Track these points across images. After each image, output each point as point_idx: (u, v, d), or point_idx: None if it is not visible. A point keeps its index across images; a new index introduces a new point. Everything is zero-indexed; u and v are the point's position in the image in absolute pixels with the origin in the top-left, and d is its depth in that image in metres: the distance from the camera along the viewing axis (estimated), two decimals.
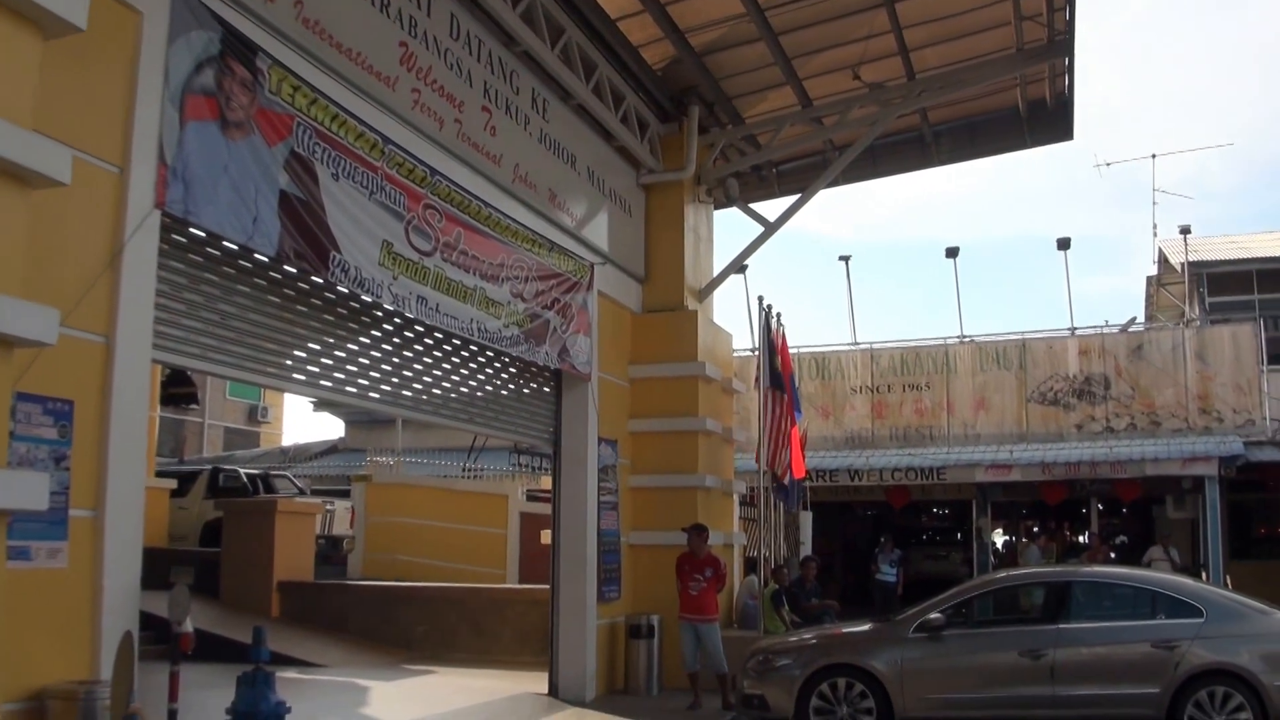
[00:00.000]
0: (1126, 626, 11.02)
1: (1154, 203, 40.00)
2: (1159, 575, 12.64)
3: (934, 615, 11.25)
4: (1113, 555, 24.41)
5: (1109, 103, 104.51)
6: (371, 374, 10.13)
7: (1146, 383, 23.43)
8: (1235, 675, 10.39)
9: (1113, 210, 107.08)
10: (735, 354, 18.03)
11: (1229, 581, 18.87)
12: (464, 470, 25.06)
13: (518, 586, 19.58)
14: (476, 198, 10.82)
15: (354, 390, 9.94)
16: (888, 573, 22.57)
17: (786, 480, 16.79)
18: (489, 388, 12.28)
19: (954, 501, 29.66)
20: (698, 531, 13.25)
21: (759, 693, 11.57)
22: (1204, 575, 20.13)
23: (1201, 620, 10.69)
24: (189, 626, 6.91)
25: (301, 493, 23.15)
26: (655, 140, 15.66)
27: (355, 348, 9.86)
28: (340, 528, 22.39)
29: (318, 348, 9.31)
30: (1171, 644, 10.55)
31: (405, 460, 26.43)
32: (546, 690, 13.19)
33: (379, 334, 10.19)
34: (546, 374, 13.33)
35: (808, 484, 20.22)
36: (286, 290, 8.76)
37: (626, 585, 14.53)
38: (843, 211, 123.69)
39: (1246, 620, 10.85)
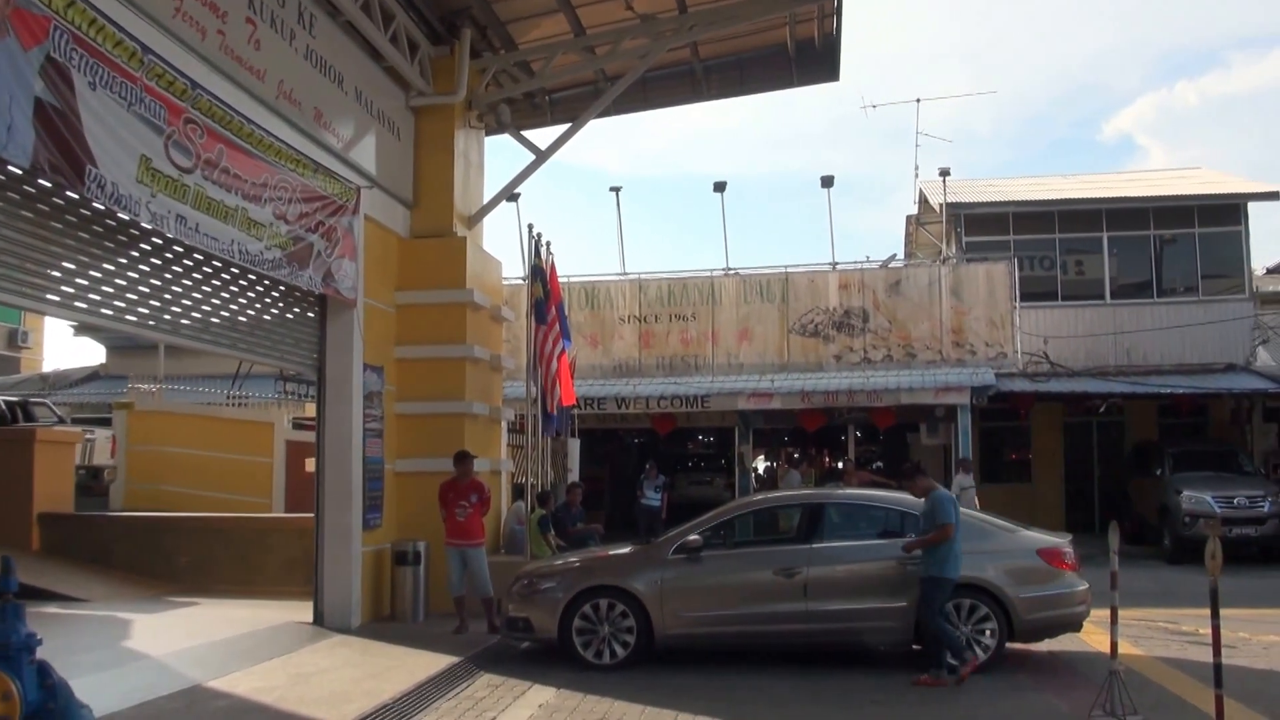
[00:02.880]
0: (877, 545, 11.79)
1: (917, 145, 41.55)
2: (908, 497, 13.43)
3: (693, 537, 11.82)
4: (877, 480, 25.65)
5: (876, 47, 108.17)
6: (129, 296, 9.92)
7: (903, 316, 24.65)
8: (982, 589, 11.32)
9: (878, 151, 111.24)
10: (505, 282, 18.16)
11: (978, 503, 20.18)
12: (228, 398, 24.60)
13: (283, 515, 19.51)
14: (239, 114, 10.60)
15: (111, 312, 9.72)
16: (652, 498, 23.26)
17: (555, 411, 17.09)
18: (251, 312, 12.14)
19: (718, 429, 30.66)
20: (463, 458, 13.51)
21: (524, 615, 11.97)
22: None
23: None
24: None
25: (61, 421, 22.36)
26: (426, 62, 15.56)
27: (112, 268, 9.63)
28: (101, 457, 21.86)
29: (74, 267, 9.07)
30: (920, 561, 11.37)
31: (168, 387, 25.75)
32: (311, 619, 13.29)
33: (137, 254, 9.98)
34: (311, 299, 13.23)
35: (576, 411, 20.63)
36: (41, 205, 8.52)
37: (393, 512, 14.66)
38: (616, 143, 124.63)
39: (993, 538, 11.79)
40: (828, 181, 26.35)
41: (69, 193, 8.50)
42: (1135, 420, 27.56)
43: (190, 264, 10.81)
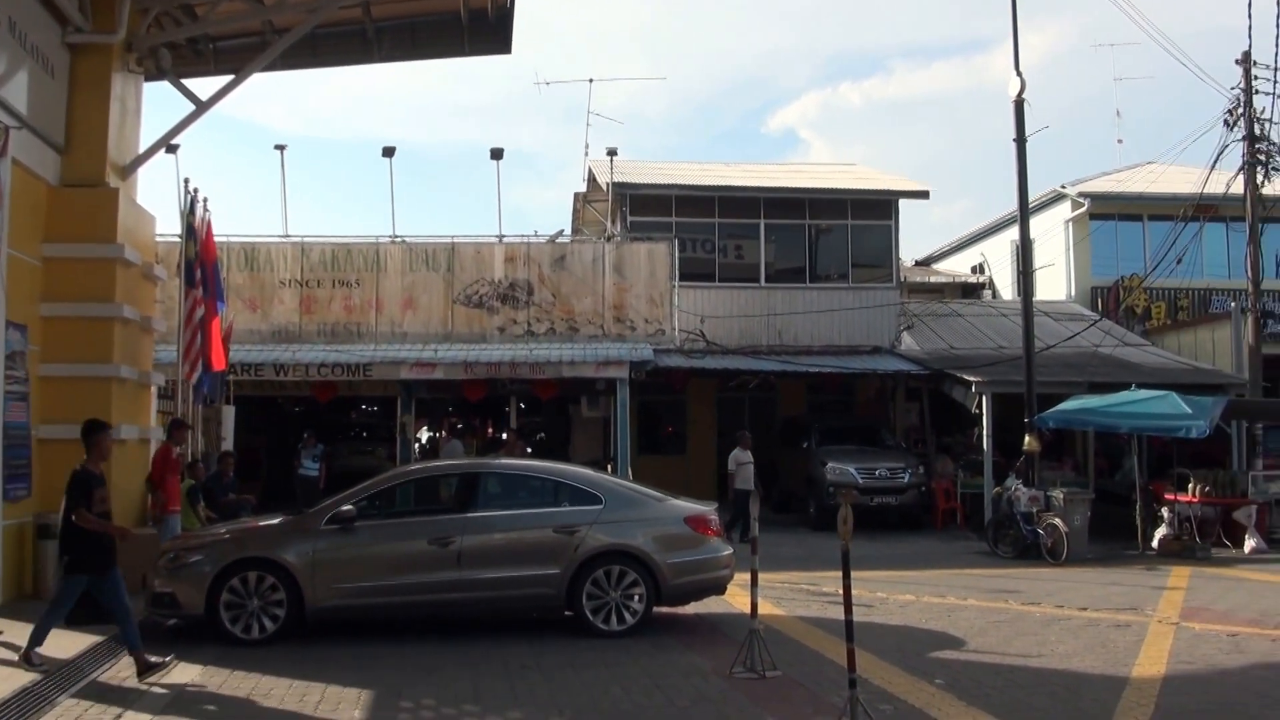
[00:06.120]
0: (531, 514, 12.27)
1: (588, 125, 42.40)
2: (563, 467, 13.95)
3: (346, 507, 11.92)
4: (529, 450, 26.06)
5: (554, 23, 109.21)
6: None
7: (567, 291, 25.14)
8: (630, 555, 12.02)
9: (552, 128, 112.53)
10: (159, 239, 17.40)
11: (631, 473, 20.88)
12: None
13: None
14: None
15: None
16: (310, 467, 22.96)
17: (194, 378, 16.56)
18: None
19: (381, 398, 30.39)
20: (183, 426, 13.11)
21: (169, 590, 11.69)
22: (610, 468, 22.06)
23: (601, 507, 12.18)
24: None
25: None
26: None
27: None
28: None
29: None
30: (572, 529, 11.96)
31: None
32: None
33: None
34: None
35: (231, 377, 20.04)
36: None
37: (36, 483, 13.75)
38: (290, 100, 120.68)
39: (642, 506, 12.47)
40: (497, 154, 26.48)
41: None
42: (786, 397, 29.42)
43: None
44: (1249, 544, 20.19)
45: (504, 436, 26.18)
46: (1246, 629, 12.49)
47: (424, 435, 35.09)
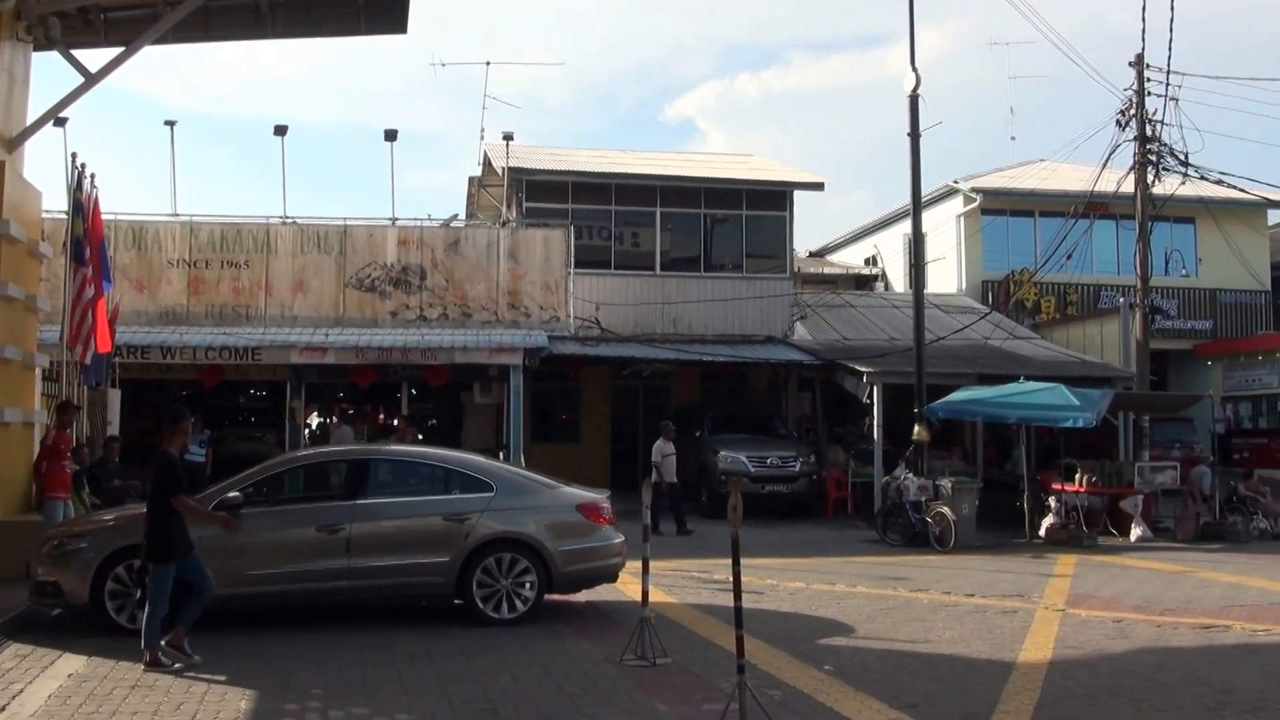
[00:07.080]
0: (421, 501, 12.33)
1: (484, 108, 42.17)
2: (455, 454, 13.96)
3: (232, 494, 11.79)
4: (420, 437, 26.06)
5: (453, 6, 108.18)
6: None
7: (461, 276, 25.16)
8: (522, 542, 12.11)
9: (449, 111, 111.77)
10: (45, 215, 17.08)
11: (524, 460, 21.00)
12: None
13: None
14: None
15: None
16: (196, 453, 22.64)
17: (88, 359, 16.34)
18: None
19: (270, 382, 30.10)
20: (71, 408, 12.96)
21: (53, 580, 11.49)
22: (502, 455, 22.17)
23: (492, 495, 12.24)
24: None
25: None
26: None
27: None
28: None
29: None
30: (463, 516, 12.03)
31: None
32: None
33: None
34: None
35: (117, 360, 19.76)
36: None
37: None
38: (180, 76, 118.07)
39: (534, 494, 12.58)
40: (391, 135, 26.39)
41: None
42: (679, 385, 29.75)
43: None
44: (1135, 532, 21.00)
45: (395, 423, 26.09)
46: (1131, 615, 13.03)
47: (314, 421, 34.83)
